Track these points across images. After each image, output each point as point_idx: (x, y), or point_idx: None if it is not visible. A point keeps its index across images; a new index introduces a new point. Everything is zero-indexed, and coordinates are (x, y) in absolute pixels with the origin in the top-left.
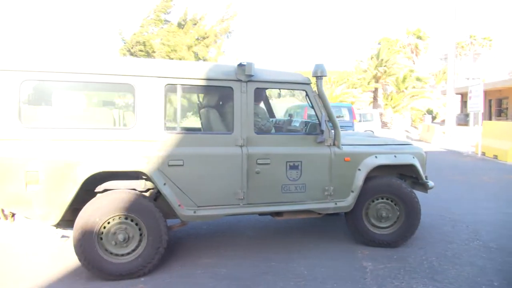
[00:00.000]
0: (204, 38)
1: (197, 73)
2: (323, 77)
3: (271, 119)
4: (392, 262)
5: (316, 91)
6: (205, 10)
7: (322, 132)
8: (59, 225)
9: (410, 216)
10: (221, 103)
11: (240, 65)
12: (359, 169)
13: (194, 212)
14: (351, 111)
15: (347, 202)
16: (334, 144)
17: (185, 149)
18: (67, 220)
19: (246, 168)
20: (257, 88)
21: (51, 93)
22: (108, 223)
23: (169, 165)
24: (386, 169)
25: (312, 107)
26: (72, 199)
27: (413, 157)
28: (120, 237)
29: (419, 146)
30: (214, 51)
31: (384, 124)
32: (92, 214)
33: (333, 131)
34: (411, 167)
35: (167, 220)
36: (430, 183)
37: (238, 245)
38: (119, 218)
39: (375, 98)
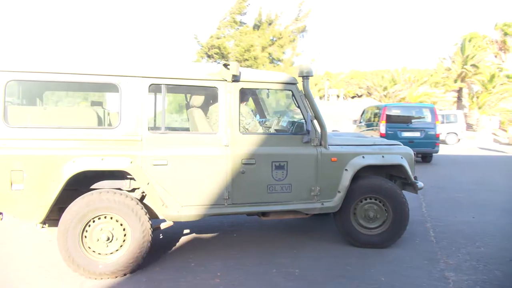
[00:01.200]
0: (278, 38)
1: (181, 73)
2: (310, 77)
3: (261, 119)
4: (477, 273)
5: (303, 91)
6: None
7: (308, 132)
8: (45, 224)
9: (398, 217)
10: (206, 103)
11: (225, 65)
12: (346, 170)
13: (178, 212)
14: (433, 112)
15: (334, 202)
16: (320, 144)
17: (169, 149)
18: (53, 219)
19: (231, 168)
20: (243, 88)
21: (37, 93)
22: (93, 221)
23: (153, 165)
24: (374, 170)
25: (299, 107)
26: (55, 198)
27: (401, 157)
28: (104, 236)
29: (407, 147)
30: (289, 51)
31: (469, 126)
32: (75, 213)
33: (319, 131)
34: (400, 167)
35: (157, 220)
36: (419, 183)
37: (314, 246)
38: (104, 217)
39: (459, 98)
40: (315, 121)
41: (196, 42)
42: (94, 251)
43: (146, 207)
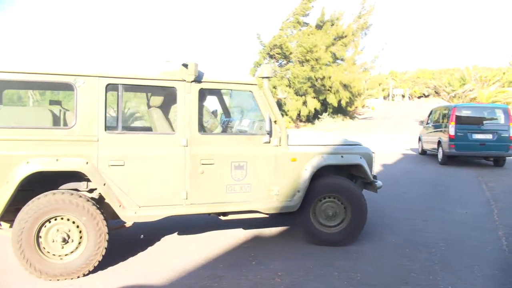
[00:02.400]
0: (341, 37)
1: (139, 73)
2: (269, 78)
3: (226, 119)
4: None
5: (263, 92)
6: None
7: (267, 132)
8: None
9: (357, 215)
10: (165, 103)
11: (183, 65)
12: (305, 169)
13: (135, 212)
14: (506, 113)
15: (293, 202)
16: (280, 145)
17: (126, 150)
18: (10, 220)
19: (189, 169)
20: (202, 88)
21: None
22: (49, 222)
23: (109, 166)
24: (334, 169)
25: (259, 107)
26: (9, 200)
27: (360, 157)
28: (59, 237)
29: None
30: (352, 50)
31: None
32: (29, 215)
33: (279, 131)
34: (359, 167)
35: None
36: (378, 183)
37: (376, 250)
38: (61, 219)
39: None
40: (274, 122)
41: (259, 42)
42: (49, 252)
43: (105, 207)
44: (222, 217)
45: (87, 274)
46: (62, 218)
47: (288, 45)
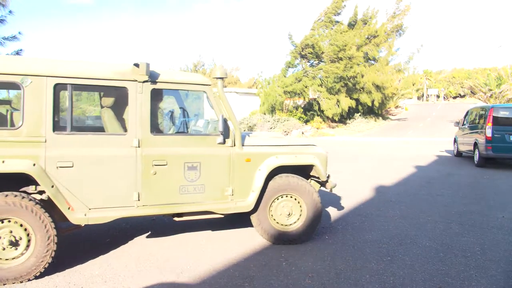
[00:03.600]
0: (374, 36)
1: (89, 72)
2: (223, 78)
3: (183, 119)
4: None
5: (217, 92)
6: (376, 6)
7: (221, 133)
8: None
9: (312, 212)
10: (116, 103)
11: (135, 65)
12: (260, 170)
13: (85, 214)
14: None
15: (248, 202)
16: (234, 145)
17: (75, 150)
18: None
19: (141, 170)
20: (154, 88)
21: None
22: None
23: (57, 167)
24: (290, 169)
25: (212, 108)
26: None
27: (314, 157)
28: (6, 241)
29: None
30: (385, 50)
31: None
32: None
33: (234, 132)
34: (313, 167)
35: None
36: (332, 182)
37: (408, 253)
38: (8, 221)
39: None
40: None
41: (290, 42)
42: None
43: (57, 210)
44: (176, 218)
45: (37, 278)
46: (9, 221)
47: (320, 45)
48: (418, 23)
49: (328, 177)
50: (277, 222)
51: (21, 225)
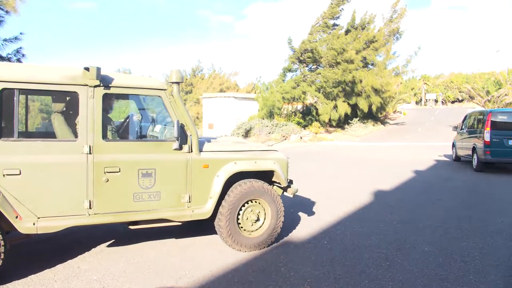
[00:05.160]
0: (372, 41)
1: (37, 77)
2: (179, 83)
3: (141, 124)
4: None
5: (172, 97)
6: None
7: (177, 138)
8: None
9: (275, 217)
10: (66, 108)
11: (85, 68)
12: (218, 176)
13: (34, 223)
14: None
15: (205, 209)
16: (191, 151)
17: (22, 157)
18: None
19: (92, 177)
20: (106, 93)
21: None
22: None
23: (4, 175)
24: (251, 176)
25: (168, 112)
26: None
27: (274, 163)
28: None
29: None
30: (383, 54)
31: None
32: None
33: (190, 137)
34: (273, 172)
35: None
36: (294, 187)
37: (410, 259)
38: None
39: None
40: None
41: (289, 47)
42: None
43: (5, 219)
44: (131, 227)
45: (33, 282)
46: None
47: (319, 49)
48: (415, 29)
49: (290, 182)
50: (245, 230)
51: None
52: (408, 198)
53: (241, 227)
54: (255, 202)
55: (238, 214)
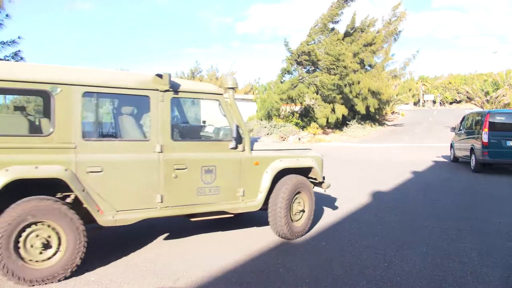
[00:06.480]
0: (370, 44)
1: (114, 82)
2: (234, 88)
3: (196, 126)
4: None
5: (228, 100)
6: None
7: (234, 138)
8: None
9: (311, 207)
10: (136, 111)
11: (158, 75)
12: (267, 172)
13: (113, 216)
14: None
15: (256, 202)
16: (244, 150)
17: (103, 156)
18: None
19: (163, 173)
20: (174, 97)
21: None
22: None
23: (87, 172)
24: (291, 171)
25: (225, 115)
26: None
27: (312, 160)
28: (39, 243)
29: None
30: (382, 56)
31: None
32: (9, 220)
33: (243, 137)
34: (311, 169)
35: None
36: (327, 183)
37: (408, 260)
38: (41, 224)
39: None
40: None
41: (286, 49)
42: (31, 260)
43: (82, 213)
44: (192, 219)
45: (67, 278)
46: (42, 224)
47: (316, 52)
48: (414, 30)
49: (323, 178)
50: (291, 220)
51: (52, 228)
52: (406, 199)
53: (290, 218)
54: (299, 194)
55: (292, 203)
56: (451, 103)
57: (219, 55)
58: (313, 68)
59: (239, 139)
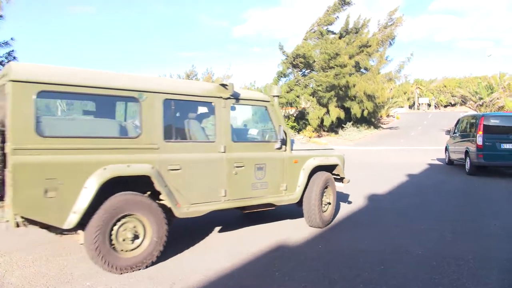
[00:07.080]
0: (365, 46)
1: (187, 90)
2: (278, 96)
3: (245, 129)
4: None
5: (273, 106)
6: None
7: (281, 140)
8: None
9: (335, 199)
10: (199, 115)
11: (222, 85)
12: (303, 169)
13: (188, 209)
14: None
15: (295, 195)
16: (286, 150)
17: (181, 156)
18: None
19: (226, 171)
20: (233, 104)
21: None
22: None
23: (168, 170)
24: (317, 168)
25: (271, 120)
26: (89, 203)
27: (337, 159)
28: (129, 234)
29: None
30: (376, 59)
31: None
32: (107, 213)
33: (286, 139)
34: (336, 166)
35: None
36: (347, 178)
37: (404, 263)
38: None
39: None
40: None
41: (282, 52)
42: (122, 250)
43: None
44: (245, 211)
45: (148, 266)
46: (132, 217)
47: (312, 53)
48: (410, 33)
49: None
50: (321, 210)
51: (139, 221)
52: (401, 201)
53: (321, 209)
54: (326, 189)
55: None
56: (445, 106)
57: (215, 58)
58: (308, 70)
59: (283, 140)
